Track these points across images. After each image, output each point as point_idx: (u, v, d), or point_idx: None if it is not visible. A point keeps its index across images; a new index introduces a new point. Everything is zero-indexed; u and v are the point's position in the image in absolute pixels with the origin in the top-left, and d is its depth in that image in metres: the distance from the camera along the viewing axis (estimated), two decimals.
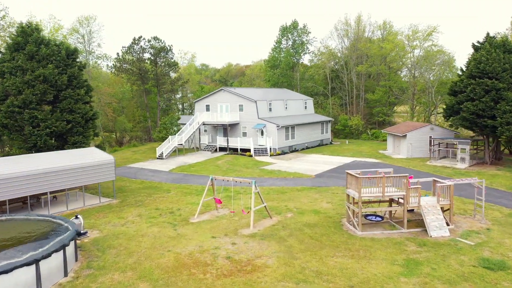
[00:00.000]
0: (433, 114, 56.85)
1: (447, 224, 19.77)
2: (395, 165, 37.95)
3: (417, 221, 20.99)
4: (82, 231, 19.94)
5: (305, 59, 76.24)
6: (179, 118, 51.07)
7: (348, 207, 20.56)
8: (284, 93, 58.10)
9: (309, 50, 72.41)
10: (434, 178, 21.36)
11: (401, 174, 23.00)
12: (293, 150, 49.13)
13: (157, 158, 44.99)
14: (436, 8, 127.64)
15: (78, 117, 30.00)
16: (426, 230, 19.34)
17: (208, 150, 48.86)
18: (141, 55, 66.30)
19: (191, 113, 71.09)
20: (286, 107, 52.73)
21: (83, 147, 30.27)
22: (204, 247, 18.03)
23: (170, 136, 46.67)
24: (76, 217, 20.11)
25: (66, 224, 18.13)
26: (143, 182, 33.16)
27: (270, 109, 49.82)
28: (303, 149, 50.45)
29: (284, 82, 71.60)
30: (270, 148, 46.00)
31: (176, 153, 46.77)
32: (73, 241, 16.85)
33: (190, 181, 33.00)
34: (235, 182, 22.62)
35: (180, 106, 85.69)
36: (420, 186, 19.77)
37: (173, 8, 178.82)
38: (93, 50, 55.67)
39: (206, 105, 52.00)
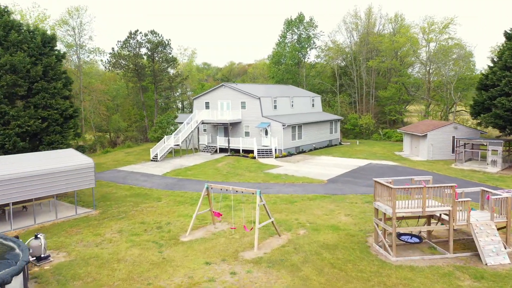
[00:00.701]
0: (452, 112, 52.57)
1: (504, 247, 15.60)
2: (416, 168, 33.76)
3: (462, 242, 16.84)
4: (43, 255, 15.89)
5: (311, 55, 71.90)
6: (176, 117, 47.08)
7: (377, 225, 16.42)
8: (289, 89, 53.96)
9: (315, 45, 68.25)
10: (482, 188, 17.21)
11: (430, 180, 18.79)
12: (300, 151, 44.99)
13: (151, 160, 40.96)
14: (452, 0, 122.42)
15: (55, 114, 26.01)
16: (478, 255, 15.19)
17: (207, 151, 44.81)
18: (137, 50, 62.36)
19: (192, 112, 67.06)
20: (292, 105, 48.61)
21: (61, 148, 26.25)
22: (194, 279, 13.95)
23: (165, 136, 42.64)
24: (36, 237, 16.05)
25: (17, 250, 14.11)
26: (132, 188, 29.11)
27: (275, 107, 45.71)
28: (310, 150, 46.31)
29: (289, 79, 67.44)
30: (275, 149, 41.88)
31: (172, 155, 42.72)
32: (22, 272, 12.81)
33: (185, 187, 28.92)
34: (235, 192, 18.50)
35: (180, 105, 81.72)
36: (470, 199, 15.59)
37: (173, 7, 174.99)
38: (84, 44, 51.79)
39: (206, 103, 47.95)
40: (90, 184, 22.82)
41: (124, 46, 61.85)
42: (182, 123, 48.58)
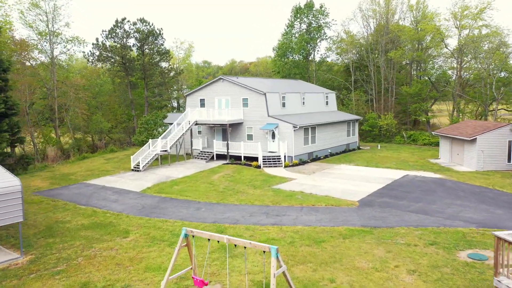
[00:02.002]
0: (492, 111, 44.75)
1: None
2: (470, 183, 26.03)
3: None
4: None
5: (321, 48, 64.01)
6: (165, 117, 39.43)
7: None
8: (299, 85, 46.23)
9: (326, 36, 60.46)
10: None
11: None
12: (313, 158, 37.27)
13: (132, 170, 33.30)
14: None
15: None
16: None
17: (202, 158, 37.10)
18: (125, 40, 54.70)
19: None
20: (303, 102, 40.86)
21: None
22: None
23: (150, 140, 34.95)
24: None
25: None
26: (94, 213, 21.43)
27: (284, 105, 37.98)
28: (326, 156, 38.57)
29: (296, 74, 59.74)
30: (285, 156, 34.18)
31: (158, 163, 35.02)
32: None
33: (166, 213, 21.24)
34: (235, 244, 10.77)
35: (175, 104, 74.04)
36: None
37: (172, 3, 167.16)
38: (59, 31, 44.16)
39: (201, 100, 40.26)
40: (15, 218, 15.13)
41: (109, 36, 54.19)
42: (173, 124, 40.97)
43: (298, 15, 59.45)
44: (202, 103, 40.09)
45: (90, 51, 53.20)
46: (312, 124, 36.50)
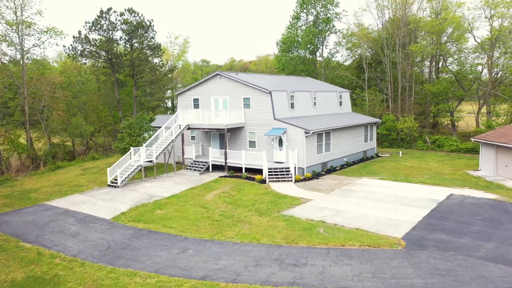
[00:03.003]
0: None
1: None
2: None
3: None
4: None
5: (330, 42, 57.83)
6: (152, 119, 33.38)
7: None
8: (309, 82, 40.24)
9: (336, 29, 54.41)
10: None
11: None
12: (328, 169, 31.29)
13: (109, 186, 27.27)
14: None
15: None
16: None
17: (195, 169, 31.05)
18: (111, 33, 48.70)
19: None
20: (314, 103, 34.86)
21: None
22: None
23: (132, 148, 28.90)
24: None
25: None
26: (39, 258, 15.42)
27: (292, 105, 31.98)
28: (342, 166, 32.58)
29: (303, 71, 53.71)
30: (295, 168, 28.18)
31: (141, 176, 28.95)
32: None
33: (139, 257, 15.22)
34: None
35: (170, 104, 67.99)
36: None
37: (170, 2, 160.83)
38: (30, 20, 38.07)
39: (194, 99, 34.26)
40: None
41: (93, 28, 48.19)
42: (161, 127, 35.03)
43: (305, 5, 53.41)
44: (196, 103, 34.07)
45: (71, 45, 47.20)
46: (326, 128, 30.49)
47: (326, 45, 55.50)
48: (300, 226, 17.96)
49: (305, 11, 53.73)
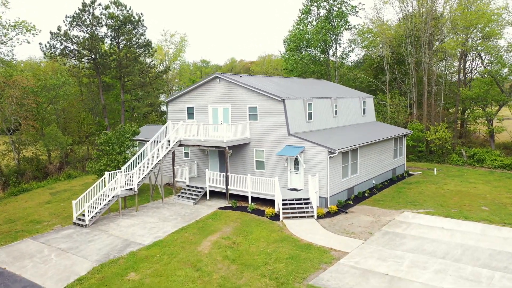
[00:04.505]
0: None
1: None
2: None
3: None
4: None
5: (344, 40, 51.63)
6: (136, 133, 27.03)
7: None
8: (326, 86, 33.90)
9: (350, 25, 48.07)
10: None
11: None
12: (355, 196, 24.92)
13: (74, 223, 20.90)
14: None
15: None
16: None
17: (188, 197, 24.64)
18: (94, 29, 42.39)
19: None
20: (335, 112, 28.50)
21: None
22: None
23: (107, 173, 22.52)
24: None
25: None
26: None
27: (310, 116, 25.60)
28: (371, 191, 26.20)
29: (314, 72, 47.39)
30: (317, 198, 21.83)
31: (119, 207, 22.48)
32: None
33: None
34: None
35: (165, 108, 61.52)
36: None
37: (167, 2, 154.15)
38: None
39: (188, 108, 27.94)
40: None
41: (74, 23, 41.88)
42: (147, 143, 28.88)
43: None
44: (190, 113, 27.74)
45: (48, 42, 40.88)
46: (353, 146, 24.12)
47: (340, 43, 49.20)
48: None
49: (316, 4, 47.35)
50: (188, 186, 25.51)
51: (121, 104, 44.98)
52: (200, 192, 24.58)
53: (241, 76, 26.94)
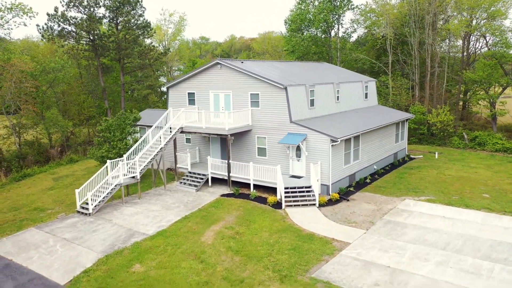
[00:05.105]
0: None
1: None
2: None
3: None
4: None
5: (346, 20, 50.56)
6: (136, 119, 26.92)
7: None
8: (329, 70, 33.54)
9: (353, 5, 47.20)
10: None
11: None
12: (357, 182, 25.04)
13: (78, 212, 21.07)
14: None
15: None
16: None
17: (190, 184, 24.74)
18: (92, 11, 41.61)
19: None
20: (337, 97, 28.29)
21: None
22: None
23: (109, 161, 22.57)
24: None
25: None
26: None
27: (312, 102, 25.43)
28: (372, 177, 26.30)
29: (315, 53, 46.83)
30: (319, 186, 21.94)
31: (122, 195, 22.58)
32: None
33: None
34: None
35: (164, 89, 61.09)
36: None
37: None
38: None
39: (189, 94, 27.72)
40: None
41: (72, 4, 41.07)
42: (150, 126, 28.98)
43: None
44: (192, 98, 27.54)
45: (45, 24, 40.24)
46: (355, 133, 24.05)
47: (342, 24, 48.37)
48: None
49: None
50: (190, 172, 25.57)
51: (121, 87, 44.63)
52: (202, 179, 24.67)
53: (242, 62, 26.61)
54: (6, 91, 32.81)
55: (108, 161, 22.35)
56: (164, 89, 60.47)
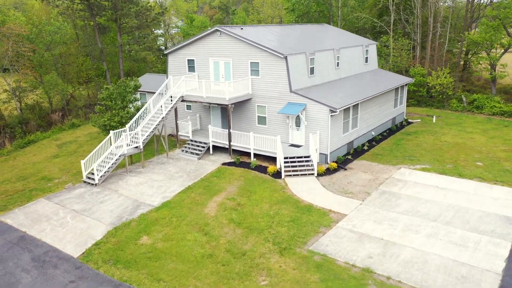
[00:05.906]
0: None
1: None
2: None
3: None
4: None
5: None
6: (137, 87, 26.99)
7: None
8: (329, 33, 33.07)
9: None
10: None
11: None
12: (354, 149, 25.65)
13: (84, 182, 21.82)
14: None
15: None
16: None
17: (192, 153, 25.35)
18: None
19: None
20: (337, 63, 28.22)
21: None
22: None
23: (112, 132, 23.01)
24: None
25: None
26: None
27: (312, 71, 25.45)
28: (370, 143, 26.90)
29: (316, 12, 45.82)
30: (318, 155, 22.57)
31: (126, 163, 23.25)
32: None
33: None
34: None
35: (163, 47, 60.21)
36: None
37: None
38: None
39: (189, 61, 27.61)
40: None
41: None
42: (151, 93, 29.18)
43: None
44: (191, 65, 27.49)
45: None
46: (355, 102, 24.31)
47: None
48: (339, 280, 12.78)
49: None
50: (191, 140, 26.10)
51: (119, 48, 44.05)
52: (203, 147, 25.23)
53: (242, 29, 26.28)
54: (4, 55, 32.53)
55: (111, 132, 22.79)
56: (163, 48, 59.72)
